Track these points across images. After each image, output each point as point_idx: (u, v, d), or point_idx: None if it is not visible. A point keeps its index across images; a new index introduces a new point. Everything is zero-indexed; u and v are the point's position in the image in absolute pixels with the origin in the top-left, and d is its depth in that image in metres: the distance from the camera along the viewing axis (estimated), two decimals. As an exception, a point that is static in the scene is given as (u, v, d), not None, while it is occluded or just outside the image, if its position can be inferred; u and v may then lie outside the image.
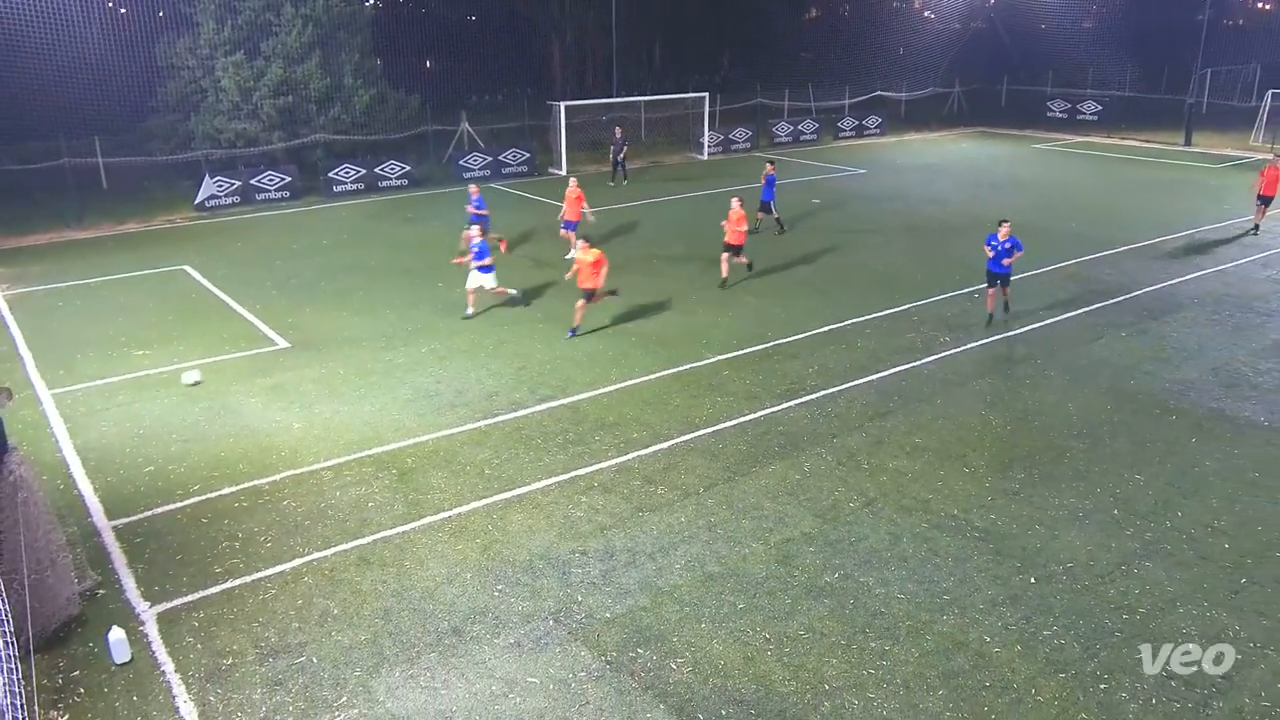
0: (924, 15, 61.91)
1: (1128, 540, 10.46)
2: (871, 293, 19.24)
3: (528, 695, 8.17)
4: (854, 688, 8.22)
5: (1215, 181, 32.23)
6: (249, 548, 10.39)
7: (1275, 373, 15.09)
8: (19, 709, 6.14)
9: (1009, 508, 11.13)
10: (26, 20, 27.63)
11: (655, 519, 10.92)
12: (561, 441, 12.83)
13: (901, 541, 10.44)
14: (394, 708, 8.03)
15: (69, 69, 28.26)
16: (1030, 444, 12.73)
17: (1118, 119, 45.15)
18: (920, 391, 14.44)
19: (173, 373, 15.08)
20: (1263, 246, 22.82)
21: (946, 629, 8.99)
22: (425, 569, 10.00)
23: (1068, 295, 18.98)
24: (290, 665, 8.56)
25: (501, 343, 16.55)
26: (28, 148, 29.31)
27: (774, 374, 15.07)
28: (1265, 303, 18.56)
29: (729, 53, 56.24)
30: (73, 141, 28.70)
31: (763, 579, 9.79)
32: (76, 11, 28.57)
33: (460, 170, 32.66)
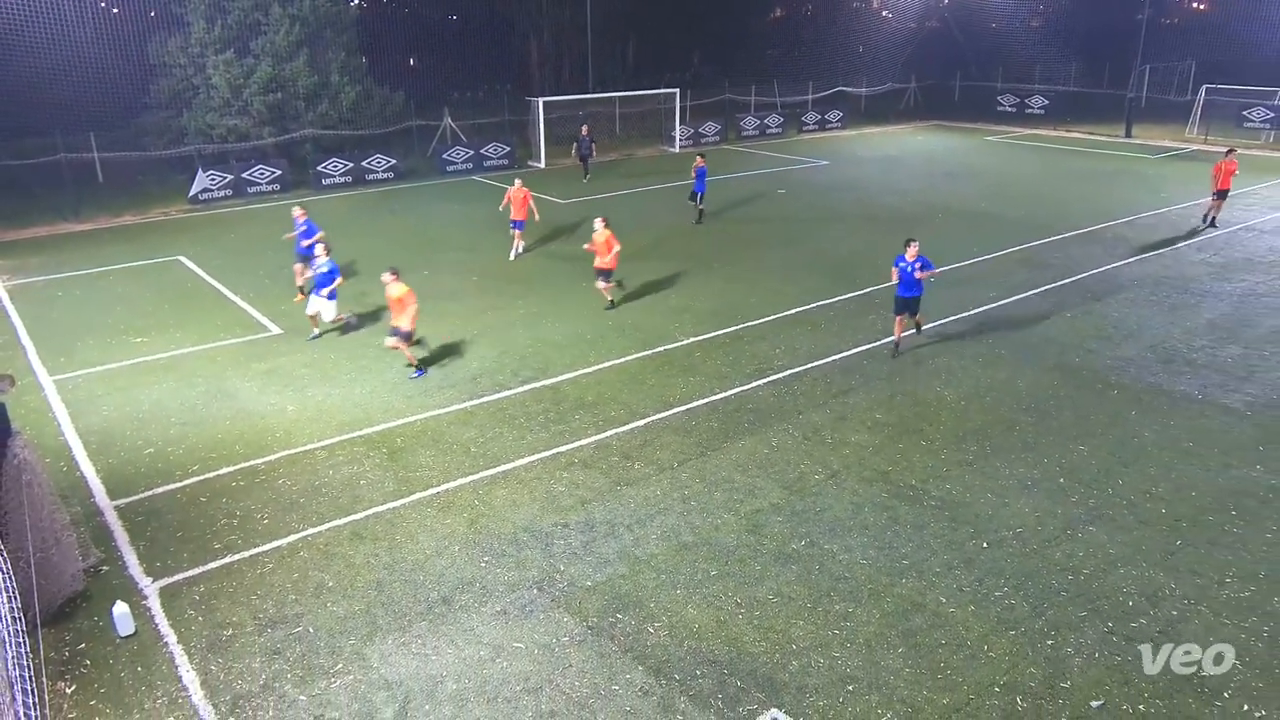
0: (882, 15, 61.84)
1: (1073, 506, 10.61)
2: (834, 278, 19.31)
3: (514, 659, 8.19)
4: (820, 647, 8.31)
5: (1153, 171, 32.54)
6: (246, 524, 10.32)
7: (1208, 350, 15.31)
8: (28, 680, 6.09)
9: (963, 478, 11.25)
10: (22, 20, 27.09)
11: (633, 492, 10.95)
12: (543, 420, 12.82)
13: (863, 511, 10.54)
14: (387, 673, 8.03)
15: (64, 67, 27.77)
16: (982, 418, 12.86)
17: (1063, 112, 45.44)
18: (880, 370, 14.53)
19: (170, 359, 14.91)
20: (1196, 231, 23.07)
21: (905, 591, 9.09)
22: (415, 542, 9.98)
23: (1018, 279, 19.13)
24: (288, 635, 8.53)
25: (485, 328, 16.48)
26: (25, 144, 28.79)
27: (743, 355, 15.11)
28: (1199, 284, 18.81)
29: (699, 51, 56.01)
30: (69, 138, 28.26)
31: (734, 547, 9.85)
32: (70, 11, 27.99)
33: (444, 164, 32.42)
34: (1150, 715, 7.50)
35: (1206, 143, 38.40)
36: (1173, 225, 23.86)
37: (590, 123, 33.10)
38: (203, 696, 7.78)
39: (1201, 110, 40.61)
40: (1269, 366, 14.58)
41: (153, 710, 7.65)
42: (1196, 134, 40.01)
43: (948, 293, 18.16)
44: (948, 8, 59.30)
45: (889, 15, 60.71)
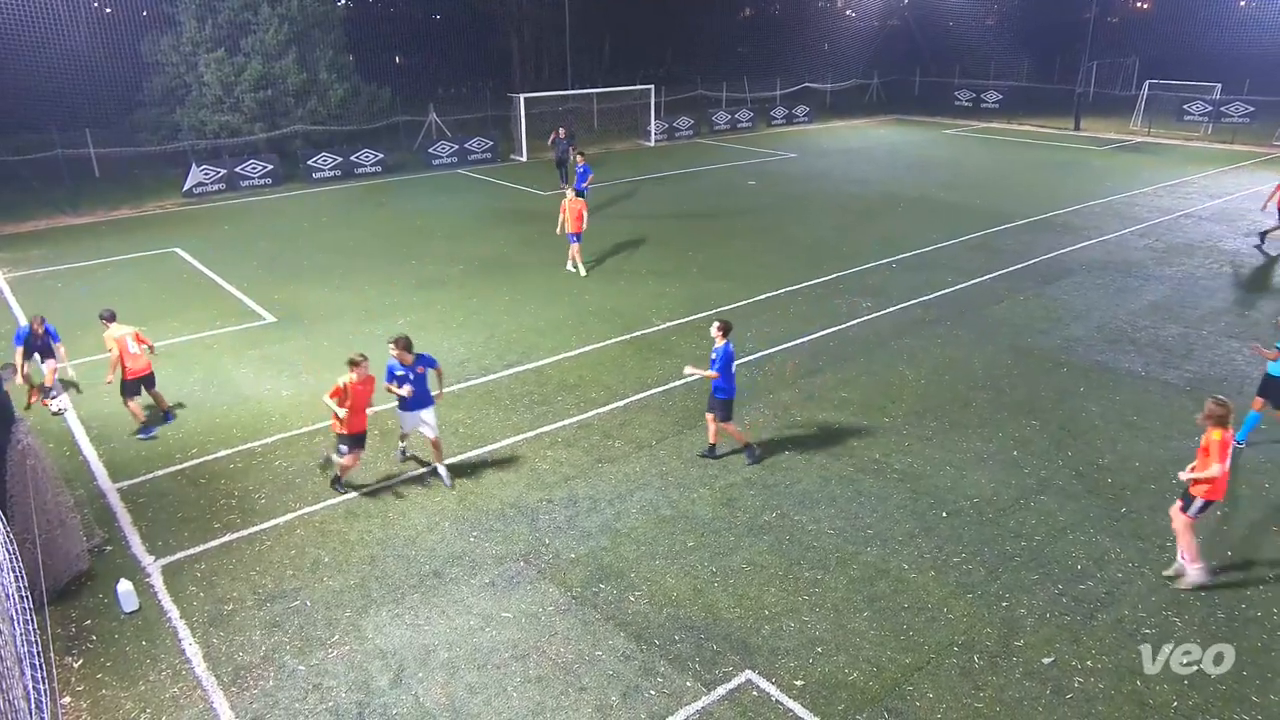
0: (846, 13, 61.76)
1: (1025, 477, 10.73)
2: (802, 264, 19.34)
3: (502, 628, 8.20)
4: (790, 612, 8.38)
5: (1100, 162, 32.79)
6: (245, 504, 10.24)
7: (1150, 329, 15.51)
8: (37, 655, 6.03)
9: (924, 452, 11.35)
10: (17, 20, 26.51)
11: (613, 469, 10.96)
12: (528, 402, 12.78)
13: (830, 484, 10.61)
14: (381, 643, 8.02)
15: (59, 66, 27.25)
16: (941, 396, 12.96)
17: (1016, 107, 45.63)
18: (845, 351, 14.60)
19: (168, 347, 14.71)
20: (1138, 219, 23.29)
21: (870, 559, 9.18)
22: (407, 519, 9.95)
23: (974, 264, 19.25)
24: (286, 609, 8.49)
25: (471, 314, 16.39)
26: (23, 139, 28.30)
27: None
28: (1142, 268, 19.01)
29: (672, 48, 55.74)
30: (66, 134, 27.79)
31: (709, 520, 9.89)
32: (64, 11, 27.40)
33: (430, 158, 32.10)
34: (1097, 670, 7.64)
35: (1149, 135, 38.75)
36: (1117, 213, 24.09)
37: (569, 119, 32.57)
38: (205, 668, 7.74)
39: (1145, 104, 40.93)
40: (1207, 345, 14.79)
41: (157, 682, 7.60)
42: (1140, 126, 40.36)
43: (909, 277, 18.27)
44: (908, 7, 59.31)
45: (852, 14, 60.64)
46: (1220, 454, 8.29)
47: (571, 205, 18.62)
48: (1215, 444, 8.29)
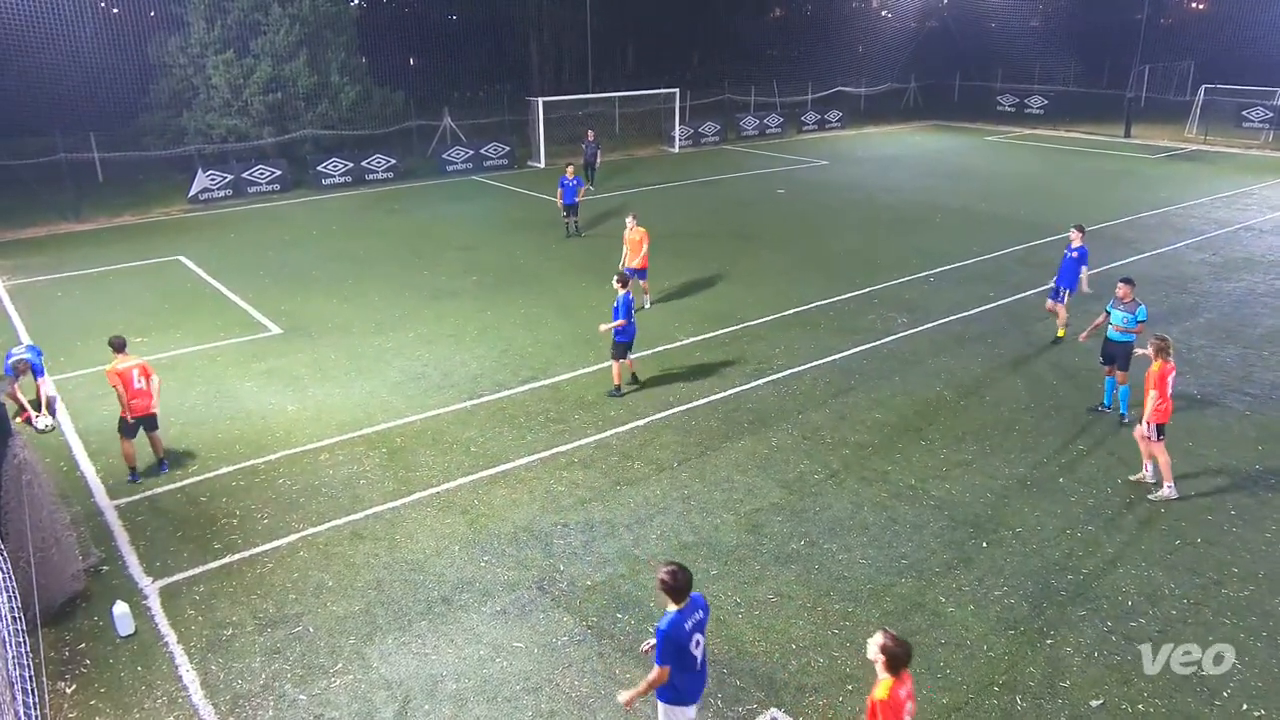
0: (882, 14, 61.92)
1: (1071, 506, 10.60)
2: (833, 277, 19.30)
3: (514, 658, 8.19)
4: (819, 646, 8.30)
5: (1153, 171, 32.53)
6: (246, 524, 10.31)
7: (1206, 350, 15.31)
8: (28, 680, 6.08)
9: (962, 477, 11.24)
10: (22, 20, 27.03)
11: (632, 492, 10.94)
12: (543, 420, 12.81)
13: (863, 510, 10.53)
14: (387, 673, 8.03)
15: (64, 68, 27.73)
16: (982, 418, 12.85)
17: (1062, 112, 45.43)
18: (879, 370, 14.53)
19: (170, 359, 14.89)
20: (1194, 232, 23.06)
21: (905, 591, 9.09)
22: (415, 542, 9.97)
23: (1017, 278, 19.12)
24: (288, 634, 8.52)
25: (486, 327, 16.47)
26: (25, 143, 28.81)
27: (742, 355, 15.10)
28: (1198, 284, 18.80)
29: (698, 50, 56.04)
30: (69, 137, 28.28)
31: (733, 547, 9.84)
32: (70, 11, 27.95)
33: (444, 163, 32.40)
34: (1149, 715, 7.50)
35: (1205, 142, 38.41)
36: (1172, 225, 23.87)
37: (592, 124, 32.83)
38: (203, 696, 7.77)
39: (1200, 110, 40.60)
40: (1267, 367, 14.58)
41: (152, 710, 7.65)
42: (1195, 134, 40.02)
43: (948, 291, 18.17)
44: (947, 7, 59.35)
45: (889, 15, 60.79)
46: (1159, 384, 10.30)
47: (630, 237, 17.28)
48: (1153, 374, 10.32)
